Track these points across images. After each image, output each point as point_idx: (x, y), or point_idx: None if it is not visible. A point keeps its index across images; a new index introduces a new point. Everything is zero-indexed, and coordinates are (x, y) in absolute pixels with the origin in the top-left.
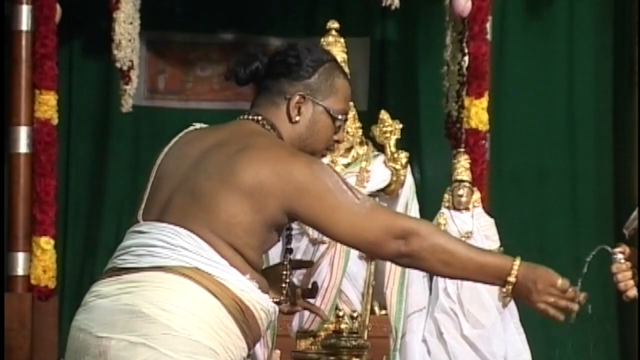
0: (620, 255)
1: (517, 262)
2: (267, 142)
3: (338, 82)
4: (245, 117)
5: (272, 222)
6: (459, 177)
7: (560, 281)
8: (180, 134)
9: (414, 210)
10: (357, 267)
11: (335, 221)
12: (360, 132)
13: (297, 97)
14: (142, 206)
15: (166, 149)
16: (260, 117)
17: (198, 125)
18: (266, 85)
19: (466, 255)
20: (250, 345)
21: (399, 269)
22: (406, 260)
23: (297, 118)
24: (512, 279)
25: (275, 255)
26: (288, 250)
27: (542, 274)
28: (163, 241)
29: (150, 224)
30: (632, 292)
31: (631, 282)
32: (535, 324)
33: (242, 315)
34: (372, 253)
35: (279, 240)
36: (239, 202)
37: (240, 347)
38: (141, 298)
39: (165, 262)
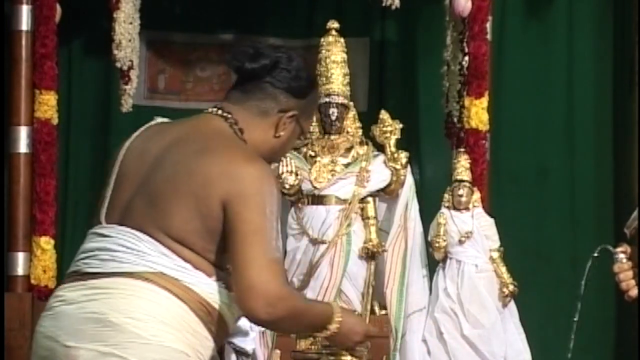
0: (622, 255)
1: (338, 314)
2: (227, 144)
3: (315, 107)
4: (214, 111)
5: (221, 227)
6: (459, 177)
7: (369, 329)
8: (142, 128)
9: (414, 210)
10: (357, 267)
11: (249, 242)
12: (360, 132)
13: (290, 114)
14: (105, 206)
15: (127, 144)
16: (230, 116)
17: (160, 120)
18: (261, 87)
19: (310, 317)
20: (218, 343)
21: (399, 269)
22: (266, 324)
23: (282, 134)
24: (333, 327)
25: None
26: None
27: (355, 324)
28: (125, 246)
29: (112, 228)
30: (634, 292)
31: (633, 282)
32: (535, 324)
33: (210, 317)
34: (241, 296)
35: None
36: (190, 207)
37: (209, 347)
38: (108, 306)
39: (129, 268)
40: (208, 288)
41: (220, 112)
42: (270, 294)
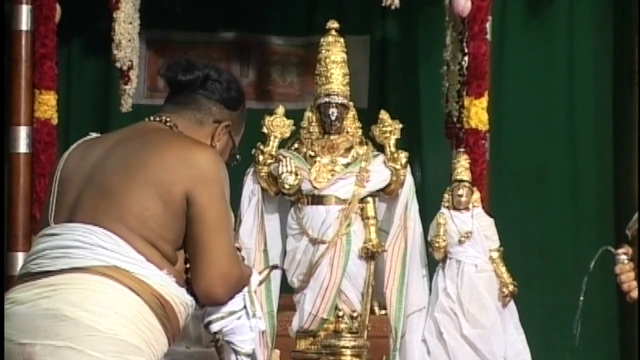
0: (623, 256)
1: None
2: (173, 134)
3: (244, 123)
4: (151, 119)
5: (183, 213)
6: (459, 177)
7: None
8: (78, 142)
9: (414, 210)
10: (357, 267)
11: (218, 230)
12: (360, 132)
13: (224, 125)
14: (51, 210)
15: (66, 155)
16: (169, 120)
17: (94, 135)
18: (195, 98)
19: None
20: (171, 340)
21: (398, 268)
22: (219, 304)
23: (217, 144)
24: None
25: (275, 255)
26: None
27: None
28: (79, 241)
29: (62, 226)
30: (635, 293)
31: (634, 283)
32: (535, 324)
33: (163, 310)
34: (210, 283)
35: None
36: (149, 194)
37: (162, 342)
38: (62, 301)
39: (83, 263)
40: (160, 280)
41: (157, 118)
42: (235, 279)
